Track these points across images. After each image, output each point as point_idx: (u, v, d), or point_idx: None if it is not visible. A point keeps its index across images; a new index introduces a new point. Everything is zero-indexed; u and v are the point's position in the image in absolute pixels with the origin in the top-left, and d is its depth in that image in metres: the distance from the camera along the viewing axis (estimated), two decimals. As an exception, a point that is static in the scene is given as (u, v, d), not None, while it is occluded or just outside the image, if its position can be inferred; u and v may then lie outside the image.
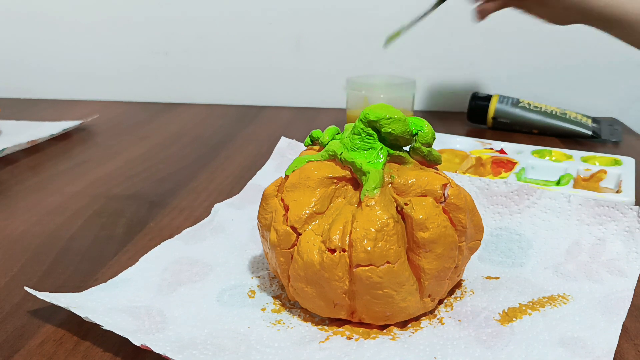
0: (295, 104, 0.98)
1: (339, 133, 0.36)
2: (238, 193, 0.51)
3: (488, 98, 0.80)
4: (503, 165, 0.59)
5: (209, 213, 0.47)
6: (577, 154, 0.62)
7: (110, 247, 0.44)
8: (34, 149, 0.70)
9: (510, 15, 0.91)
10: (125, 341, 0.30)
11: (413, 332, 0.32)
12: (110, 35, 0.99)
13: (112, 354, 0.31)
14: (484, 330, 0.32)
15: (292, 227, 0.32)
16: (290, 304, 0.35)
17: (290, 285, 0.33)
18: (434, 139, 0.34)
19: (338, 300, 0.32)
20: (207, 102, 1.00)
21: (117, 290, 0.36)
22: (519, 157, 0.61)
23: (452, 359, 0.30)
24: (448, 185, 0.33)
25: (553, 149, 0.64)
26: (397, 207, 0.32)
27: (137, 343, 0.30)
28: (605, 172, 0.56)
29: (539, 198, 0.43)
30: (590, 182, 0.56)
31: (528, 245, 0.41)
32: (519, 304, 0.35)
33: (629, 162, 0.59)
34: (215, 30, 0.96)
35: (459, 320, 0.33)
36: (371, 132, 0.33)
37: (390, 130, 0.33)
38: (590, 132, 0.75)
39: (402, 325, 0.33)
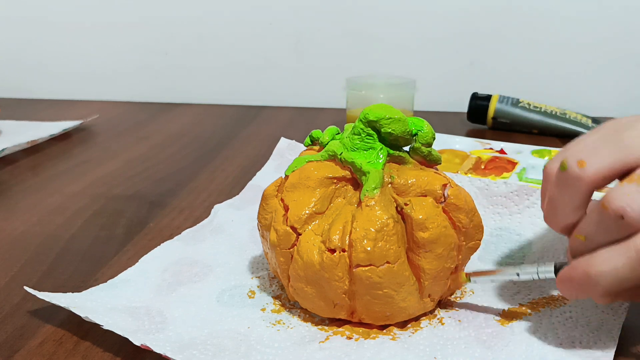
0: (295, 104, 0.98)
1: (338, 133, 0.36)
2: (238, 193, 0.51)
3: (488, 98, 0.80)
4: (503, 165, 0.60)
5: (209, 213, 0.47)
6: (577, 154, 0.62)
7: (110, 247, 0.44)
8: (34, 149, 0.70)
9: (509, 15, 0.91)
10: (125, 341, 0.30)
11: (413, 332, 0.32)
12: (110, 35, 0.99)
13: (112, 354, 0.31)
14: (484, 331, 0.32)
15: (292, 227, 0.32)
16: (290, 304, 0.35)
17: (290, 285, 0.33)
18: (434, 139, 0.34)
19: (338, 300, 0.32)
20: (207, 102, 1.00)
21: (117, 290, 0.36)
22: (519, 157, 0.61)
23: (452, 359, 0.30)
24: (448, 185, 0.33)
25: (553, 149, 0.64)
26: (397, 207, 0.32)
27: (137, 343, 0.30)
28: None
29: (538, 198, 0.43)
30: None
31: (528, 245, 0.41)
32: (519, 304, 0.35)
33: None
34: (215, 30, 0.96)
35: (459, 321, 0.33)
36: (371, 132, 0.33)
37: (390, 130, 0.33)
38: (590, 132, 0.75)
39: (402, 325, 0.33)
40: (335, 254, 0.31)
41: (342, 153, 0.34)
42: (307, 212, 0.32)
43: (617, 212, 0.26)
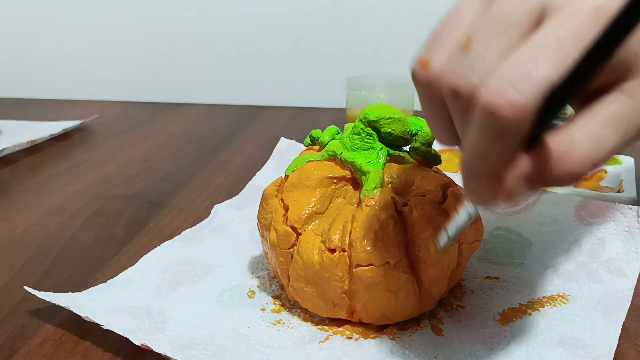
0: (295, 104, 0.98)
1: (338, 133, 0.36)
2: (238, 193, 0.51)
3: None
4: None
5: (209, 213, 0.47)
6: (577, 153, 0.62)
7: (110, 247, 0.44)
8: (34, 149, 0.70)
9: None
10: (125, 341, 0.30)
11: (413, 332, 0.32)
12: (110, 35, 0.99)
13: (112, 354, 0.31)
14: (484, 330, 0.32)
15: (292, 227, 0.32)
16: (290, 304, 0.35)
17: (290, 285, 0.33)
18: (434, 139, 0.34)
19: (338, 300, 0.32)
20: (207, 102, 1.00)
21: (117, 290, 0.36)
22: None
23: (452, 359, 0.30)
24: (448, 185, 0.33)
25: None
26: (397, 207, 0.32)
27: (137, 342, 0.30)
28: (605, 171, 0.56)
29: (538, 198, 0.43)
30: (591, 181, 0.56)
31: (527, 245, 0.41)
32: (519, 304, 0.35)
33: (628, 161, 0.59)
34: (215, 30, 0.96)
35: (459, 321, 0.33)
36: (371, 132, 0.33)
37: (390, 130, 0.33)
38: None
39: (402, 325, 0.33)
40: (335, 253, 0.31)
41: (342, 153, 0.34)
42: (307, 212, 0.32)
43: (450, 90, 0.21)
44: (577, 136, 0.21)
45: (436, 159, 0.35)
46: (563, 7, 0.20)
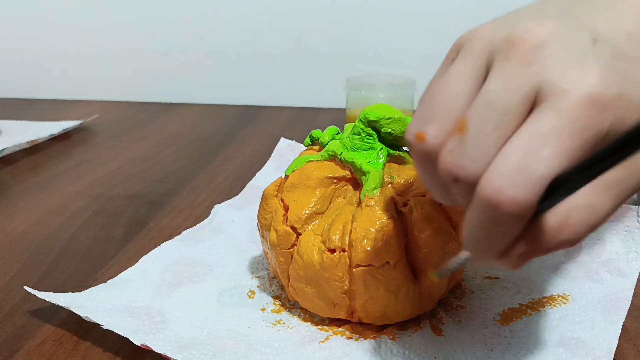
0: (295, 104, 0.98)
1: (338, 133, 0.36)
2: (238, 193, 0.51)
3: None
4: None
5: (209, 213, 0.47)
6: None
7: (110, 247, 0.44)
8: (34, 149, 0.70)
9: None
10: (125, 341, 0.30)
11: (413, 332, 0.32)
12: (110, 35, 0.99)
13: (112, 354, 0.31)
14: (484, 330, 0.32)
15: (292, 227, 0.32)
16: (290, 304, 0.35)
17: (290, 285, 0.33)
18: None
19: (338, 300, 0.32)
20: (207, 102, 1.00)
21: (117, 290, 0.36)
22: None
23: (452, 359, 0.30)
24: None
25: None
26: (396, 207, 0.32)
27: (137, 342, 0.30)
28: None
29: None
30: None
31: (528, 245, 0.41)
32: (519, 304, 0.35)
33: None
34: (215, 30, 0.96)
35: (459, 321, 0.33)
36: (371, 132, 0.33)
37: (390, 130, 0.33)
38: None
39: (402, 325, 0.33)
40: (335, 254, 0.31)
41: (342, 153, 0.34)
42: (307, 212, 0.32)
43: (450, 177, 0.21)
44: (574, 207, 0.20)
45: (436, 159, 0.35)
46: (557, 94, 0.20)
